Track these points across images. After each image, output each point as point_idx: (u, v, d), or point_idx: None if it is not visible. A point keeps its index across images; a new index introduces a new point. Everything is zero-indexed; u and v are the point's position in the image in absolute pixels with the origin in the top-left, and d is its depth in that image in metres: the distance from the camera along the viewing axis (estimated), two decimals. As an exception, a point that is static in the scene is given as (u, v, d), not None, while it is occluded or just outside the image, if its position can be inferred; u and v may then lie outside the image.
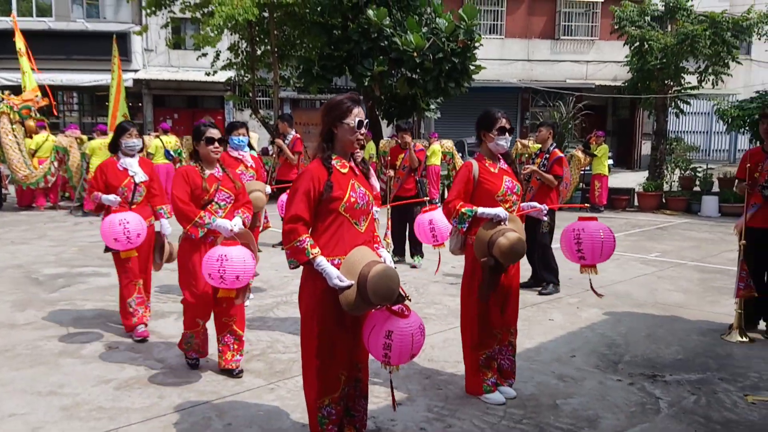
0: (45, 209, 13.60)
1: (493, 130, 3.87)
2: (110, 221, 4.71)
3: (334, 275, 2.93)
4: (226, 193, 4.29)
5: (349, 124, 3.04)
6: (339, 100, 3.08)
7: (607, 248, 3.82)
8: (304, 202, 2.98)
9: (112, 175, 5.04)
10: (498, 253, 3.66)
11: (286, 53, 15.60)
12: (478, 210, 3.80)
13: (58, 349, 4.85)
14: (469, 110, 23.07)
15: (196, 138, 4.26)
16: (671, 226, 12.03)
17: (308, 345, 3.14)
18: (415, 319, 2.99)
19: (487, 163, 3.93)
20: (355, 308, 2.98)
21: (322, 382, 3.12)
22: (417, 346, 2.98)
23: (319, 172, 3.02)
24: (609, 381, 4.32)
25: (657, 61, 14.71)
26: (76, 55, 20.97)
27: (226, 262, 3.66)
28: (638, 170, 22.67)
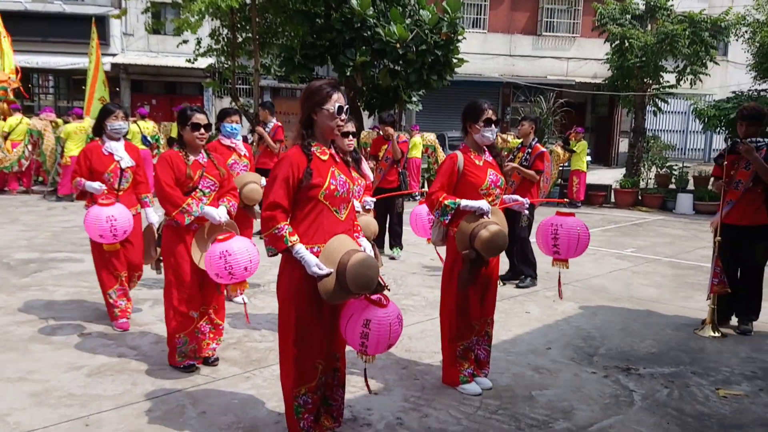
0: (17, 193, 13.33)
1: (479, 121, 3.85)
2: (97, 216, 4.47)
3: (312, 263, 2.91)
4: (210, 180, 4.15)
5: (329, 109, 3.00)
6: (318, 86, 3.04)
7: (582, 244, 3.85)
8: (282, 189, 2.94)
9: (97, 159, 4.80)
10: (480, 245, 3.66)
11: (268, 41, 15.42)
12: (461, 202, 3.78)
13: (28, 335, 4.75)
14: (450, 103, 23.12)
15: (182, 123, 4.09)
16: (646, 223, 12.18)
17: (285, 333, 3.11)
18: (393, 308, 2.99)
19: (473, 155, 3.91)
20: (333, 297, 2.96)
21: (298, 371, 3.10)
22: (394, 336, 2.98)
23: (298, 158, 2.98)
24: (584, 373, 4.36)
25: (637, 60, 14.82)
26: (53, 38, 20.55)
27: (230, 257, 3.45)
28: (615, 167, 22.91)
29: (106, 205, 4.54)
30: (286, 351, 3.12)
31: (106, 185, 4.80)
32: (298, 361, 3.08)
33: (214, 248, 3.54)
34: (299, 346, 3.06)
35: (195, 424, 3.45)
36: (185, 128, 4.08)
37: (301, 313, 3.03)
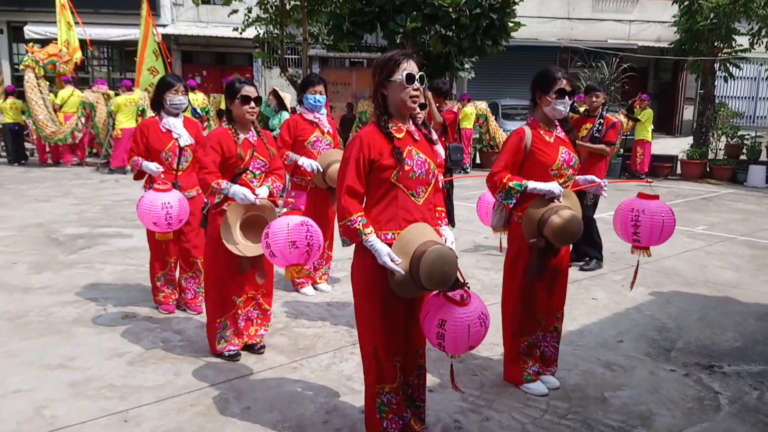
0: (72, 165, 13.49)
1: (551, 92, 3.38)
2: (152, 201, 4.10)
3: (383, 252, 2.64)
4: (261, 160, 3.85)
5: (397, 79, 2.70)
6: (386, 57, 2.76)
7: (666, 232, 3.38)
8: (354, 172, 2.68)
9: (155, 137, 4.45)
10: (550, 233, 3.27)
11: (316, 8, 15.04)
12: (528, 184, 3.35)
13: (72, 317, 4.62)
14: (504, 70, 22.36)
15: (230, 96, 3.77)
16: (717, 197, 11.42)
17: (361, 327, 2.89)
18: (475, 307, 2.65)
19: (542, 131, 3.45)
20: (405, 291, 2.70)
21: (378, 368, 2.87)
22: (476, 338, 2.66)
23: (369, 137, 2.70)
24: (661, 371, 3.94)
25: (707, 22, 13.82)
26: (104, 9, 20.61)
27: (268, 239, 3.11)
28: (679, 136, 21.79)
29: (162, 191, 4.18)
30: (364, 347, 2.91)
31: (164, 165, 4.48)
32: (375, 357, 2.86)
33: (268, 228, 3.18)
34: (376, 341, 2.83)
35: (238, 422, 3.22)
36: (234, 102, 3.76)
37: (374, 304, 2.78)
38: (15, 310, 4.72)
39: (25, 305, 4.82)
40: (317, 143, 5.04)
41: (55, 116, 13.02)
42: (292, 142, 4.98)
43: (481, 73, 18.58)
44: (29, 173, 12.26)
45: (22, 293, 5.11)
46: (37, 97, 12.82)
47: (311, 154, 4.99)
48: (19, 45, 22.09)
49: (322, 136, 5.07)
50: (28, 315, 4.63)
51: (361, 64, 23.62)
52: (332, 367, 3.91)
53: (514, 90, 21.81)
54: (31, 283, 5.36)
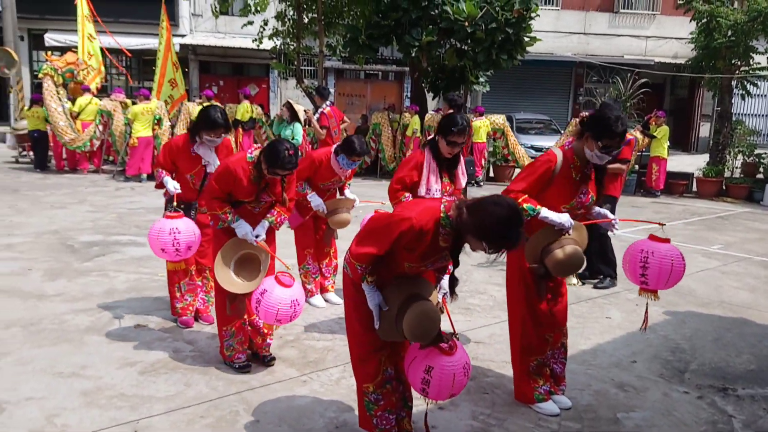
0: (88, 173, 13.61)
1: (599, 140, 3.23)
2: (160, 228, 4.11)
3: (374, 303, 2.78)
4: (269, 196, 3.88)
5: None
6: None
7: (674, 276, 3.31)
8: (387, 247, 2.68)
9: (183, 159, 4.43)
10: (551, 264, 3.29)
11: (333, 21, 15.17)
12: (541, 211, 3.30)
13: (85, 325, 4.65)
14: (519, 84, 22.36)
15: (270, 164, 3.61)
16: (733, 216, 11.30)
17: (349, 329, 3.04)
18: (460, 357, 2.73)
19: (572, 164, 3.37)
20: (388, 337, 2.83)
21: (362, 369, 2.99)
22: (458, 386, 2.75)
23: (423, 231, 2.60)
24: (675, 393, 3.90)
25: (725, 39, 13.75)
26: (124, 18, 20.88)
27: (260, 305, 3.49)
28: (695, 153, 21.64)
29: (171, 218, 4.20)
30: (351, 348, 3.05)
31: (188, 184, 4.48)
32: (359, 358, 2.98)
33: (263, 284, 3.53)
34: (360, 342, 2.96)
35: (247, 436, 3.22)
36: (267, 169, 3.65)
37: (360, 311, 2.89)
38: (29, 317, 4.75)
39: (38, 312, 4.86)
40: (331, 186, 5.20)
41: (73, 123, 13.18)
42: (311, 176, 5.07)
43: (496, 86, 18.60)
44: (46, 180, 12.39)
45: (36, 300, 5.14)
46: (56, 104, 12.97)
47: (322, 192, 5.14)
48: (39, 52, 22.43)
49: (338, 181, 5.19)
50: (42, 322, 4.66)
51: (376, 77, 23.74)
52: (342, 381, 3.90)
53: (528, 104, 21.83)
54: (45, 291, 5.40)
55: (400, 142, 14.44)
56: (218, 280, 3.76)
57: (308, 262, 5.31)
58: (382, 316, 2.78)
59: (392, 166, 14.28)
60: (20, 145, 14.94)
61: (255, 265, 3.81)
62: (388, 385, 2.96)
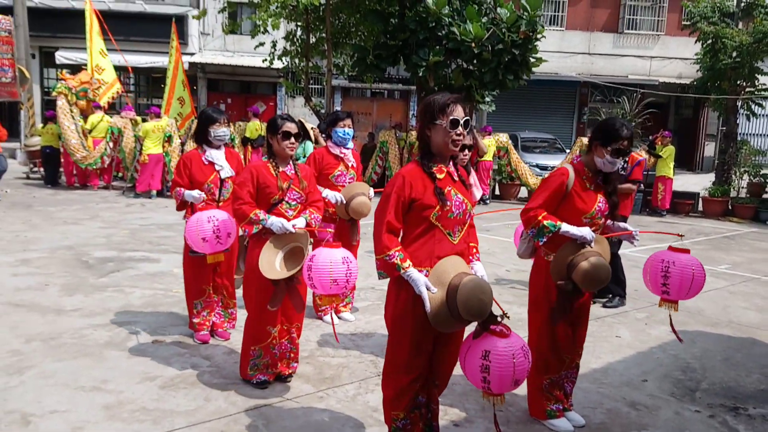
0: (98, 189, 13.76)
1: (608, 146, 3.35)
2: (198, 218, 4.20)
3: (421, 282, 2.73)
4: (297, 192, 3.97)
5: (442, 124, 2.79)
6: (433, 100, 2.84)
7: (696, 286, 3.36)
8: (394, 208, 2.79)
9: (197, 169, 4.55)
10: (579, 278, 3.31)
11: (341, 41, 15.37)
12: (562, 227, 3.37)
13: (104, 340, 4.73)
14: (524, 104, 22.55)
15: (272, 131, 3.89)
16: (739, 236, 11.36)
17: (389, 355, 3.00)
18: (516, 339, 2.70)
19: (585, 176, 3.47)
20: (441, 322, 2.74)
21: (394, 397, 2.98)
22: (521, 371, 2.66)
23: (412, 176, 2.82)
24: (686, 412, 3.95)
25: (730, 61, 13.90)
26: (134, 37, 21.18)
27: (311, 272, 3.29)
28: (700, 172, 21.72)
29: (205, 209, 4.32)
30: (388, 374, 3.02)
31: (207, 196, 4.59)
32: (395, 386, 2.97)
33: (309, 258, 3.38)
34: (399, 370, 2.94)
35: (268, 450, 3.28)
36: (275, 137, 3.89)
37: (405, 335, 2.87)
38: (48, 331, 4.84)
39: (58, 327, 4.94)
40: (341, 177, 5.16)
41: (85, 141, 13.36)
42: (317, 174, 5.11)
43: (502, 106, 18.76)
44: (57, 195, 12.53)
45: (55, 315, 5.23)
46: (70, 122, 13.17)
47: (335, 187, 5.11)
48: (50, 70, 22.72)
49: (346, 170, 5.20)
50: (62, 337, 4.74)
51: (382, 95, 23.96)
52: (358, 397, 3.96)
53: (533, 123, 22.00)
54: (63, 305, 5.49)
55: (407, 159, 14.60)
56: (262, 270, 3.68)
57: None
58: (432, 302, 2.73)
59: (399, 184, 14.41)
60: (31, 161, 15.13)
61: (299, 255, 3.76)
62: (416, 411, 3.01)
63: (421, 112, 2.89)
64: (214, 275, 4.75)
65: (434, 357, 3.00)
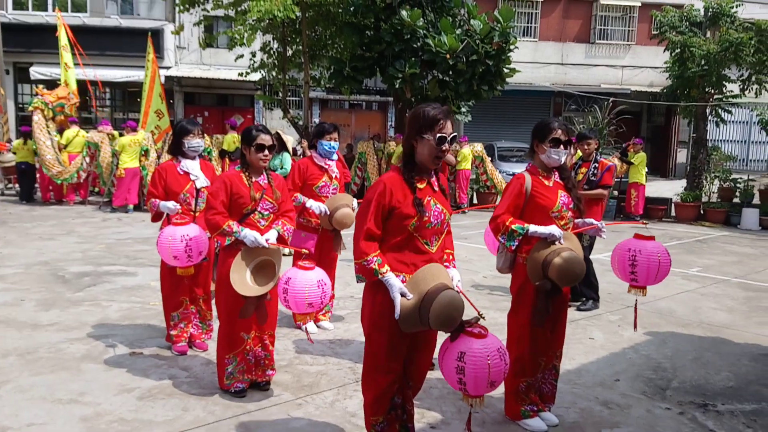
0: (74, 204, 13.65)
1: (546, 141, 3.57)
2: (171, 235, 4.21)
3: (396, 288, 2.80)
4: (269, 202, 4.01)
5: (430, 139, 2.85)
6: (423, 113, 2.87)
7: (662, 271, 3.51)
8: (374, 215, 2.85)
9: (172, 179, 4.58)
10: (554, 274, 3.41)
11: (318, 53, 15.47)
12: (529, 228, 3.49)
13: (80, 353, 4.72)
14: (500, 114, 22.80)
15: (246, 143, 3.94)
16: (711, 239, 11.61)
17: (367, 360, 3.06)
18: (493, 341, 2.75)
19: (541, 176, 3.63)
20: (410, 326, 2.83)
21: (373, 401, 3.04)
22: (496, 372, 2.69)
23: (392, 184, 2.87)
24: (657, 409, 4.05)
25: (699, 69, 14.25)
26: (110, 51, 21.09)
27: (287, 294, 3.44)
28: (673, 179, 22.12)
29: (180, 225, 4.31)
30: (366, 379, 3.08)
31: (182, 206, 4.61)
32: (373, 390, 3.02)
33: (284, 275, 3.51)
34: (377, 375, 3.00)
35: (246, 457, 3.31)
36: (249, 149, 3.93)
37: (381, 338, 2.94)
38: (25, 346, 4.81)
39: (34, 341, 4.92)
40: (324, 188, 5.20)
41: (61, 156, 13.27)
42: (302, 185, 5.16)
43: (478, 116, 19.01)
44: (32, 211, 12.41)
45: (31, 330, 5.20)
46: (45, 137, 13.08)
47: (319, 198, 5.15)
48: (24, 85, 22.52)
49: (330, 181, 5.24)
50: (38, 351, 4.72)
51: (361, 107, 24.10)
52: (336, 404, 4.00)
53: (509, 133, 22.25)
54: (39, 320, 5.45)
55: (385, 170, 14.71)
56: (234, 286, 3.73)
57: None
58: (404, 308, 2.78)
59: (378, 194, 14.50)
60: (6, 177, 14.97)
61: (270, 271, 3.83)
62: (392, 412, 3.07)
63: (410, 123, 2.91)
64: (192, 285, 4.77)
65: (408, 359, 3.07)
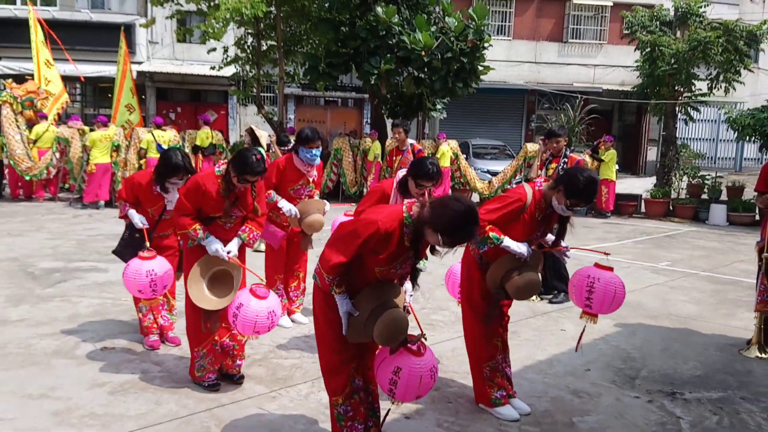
0: (44, 200, 13.40)
1: (570, 199, 3.49)
2: (137, 270, 4.17)
3: (344, 309, 2.90)
4: (240, 210, 4.00)
5: (439, 239, 2.75)
6: (453, 219, 2.69)
7: (616, 302, 3.59)
8: (353, 253, 2.82)
9: (145, 195, 4.54)
10: (511, 290, 3.57)
11: (293, 49, 15.39)
12: (504, 240, 3.56)
13: (51, 349, 4.65)
14: (474, 111, 22.92)
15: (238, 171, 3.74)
16: (680, 235, 11.84)
17: (320, 346, 3.14)
18: (428, 359, 2.87)
19: (538, 206, 3.63)
20: (355, 338, 2.95)
21: (332, 383, 3.11)
22: (425, 388, 2.87)
23: (387, 233, 2.80)
24: (626, 398, 4.14)
25: (668, 67, 14.51)
26: (80, 46, 20.71)
27: (237, 319, 3.51)
28: (643, 176, 22.48)
29: (146, 259, 4.24)
30: (322, 363, 3.16)
31: (147, 217, 4.59)
32: (330, 372, 3.09)
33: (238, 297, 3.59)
34: (331, 358, 3.07)
35: (220, 449, 3.30)
36: (237, 177, 3.77)
37: (332, 326, 3.00)
38: (-7, 342, 4.73)
39: (3, 337, 4.83)
40: (300, 190, 5.19)
41: (30, 151, 13.01)
42: (277, 183, 5.14)
43: (453, 113, 19.07)
44: (1, 208, 12.15)
45: (1, 326, 5.11)
46: (15, 132, 12.81)
47: (293, 199, 5.14)
48: (-8, 80, 22.04)
49: (306, 184, 5.22)
50: (7, 347, 4.64)
51: (336, 103, 24.05)
52: (311, 395, 4.01)
53: (484, 130, 22.40)
54: (8, 316, 5.36)
55: (360, 167, 14.69)
56: (192, 298, 3.82)
57: (278, 287, 5.38)
58: (351, 321, 2.91)
59: (353, 191, 14.52)
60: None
61: (228, 281, 3.91)
62: (356, 396, 3.09)
63: (438, 218, 2.71)
64: None
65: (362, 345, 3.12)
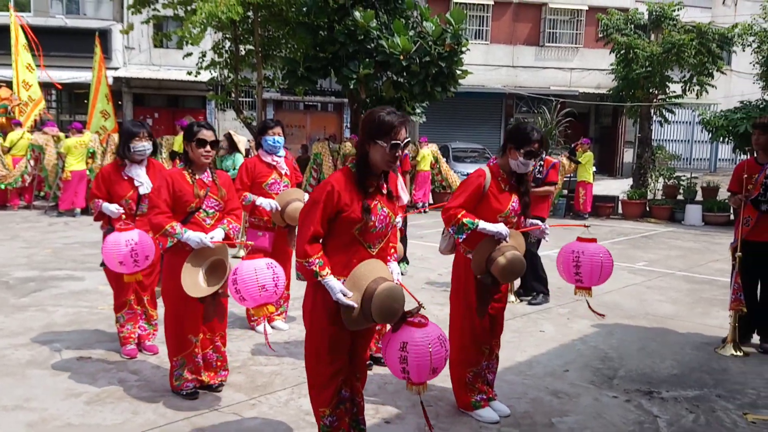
0: (19, 209, 13.20)
1: (521, 149, 3.55)
2: (115, 241, 4.09)
3: (337, 290, 2.82)
4: (215, 200, 3.95)
5: (383, 145, 2.83)
6: (377, 117, 2.84)
7: (605, 272, 3.63)
8: (320, 217, 2.83)
9: (116, 183, 4.49)
10: (497, 272, 3.52)
11: (271, 53, 15.33)
12: (479, 224, 3.56)
13: (25, 359, 4.57)
14: (453, 115, 23.05)
15: (187, 139, 3.87)
16: (656, 235, 11.99)
17: (308, 356, 3.07)
18: (432, 329, 2.81)
19: (500, 178, 3.66)
20: (355, 324, 2.87)
21: (319, 394, 3.05)
22: (438, 359, 2.77)
23: (341, 186, 2.84)
24: (604, 398, 4.17)
25: (643, 70, 14.72)
26: (55, 52, 20.46)
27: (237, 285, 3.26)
28: (620, 177, 22.75)
29: (124, 230, 4.18)
30: (309, 375, 3.10)
31: (124, 209, 4.51)
32: (317, 384, 3.04)
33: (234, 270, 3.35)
34: (319, 370, 3.01)
35: (199, 458, 3.27)
36: (191, 144, 3.87)
37: (323, 336, 2.96)
38: (-35, 353, 4.64)
39: (-24, 348, 4.75)
40: (274, 185, 5.14)
41: (4, 159, 12.80)
42: (251, 183, 5.10)
43: (432, 117, 19.16)
44: (-27, 217, 11.96)
45: (-27, 337, 5.02)
46: (-12, 140, 12.63)
47: (269, 195, 5.09)
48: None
49: (279, 178, 5.18)
50: (-20, 358, 4.56)
51: (316, 108, 24.02)
52: (290, 402, 3.99)
53: (463, 134, 22.54)
54: (-19, 327, 5.27)
55: (340, 171, 14.66)
56: (186, 289, 3.68)
57: None
58: (347, 307, 2.82)
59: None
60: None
61: (221, 269, 3.78)
62: (341, 407, 3.07)
63: (363, 127, 2.88)
64: (137, 287, 4.68)
65: (353, 350, 3.09)
